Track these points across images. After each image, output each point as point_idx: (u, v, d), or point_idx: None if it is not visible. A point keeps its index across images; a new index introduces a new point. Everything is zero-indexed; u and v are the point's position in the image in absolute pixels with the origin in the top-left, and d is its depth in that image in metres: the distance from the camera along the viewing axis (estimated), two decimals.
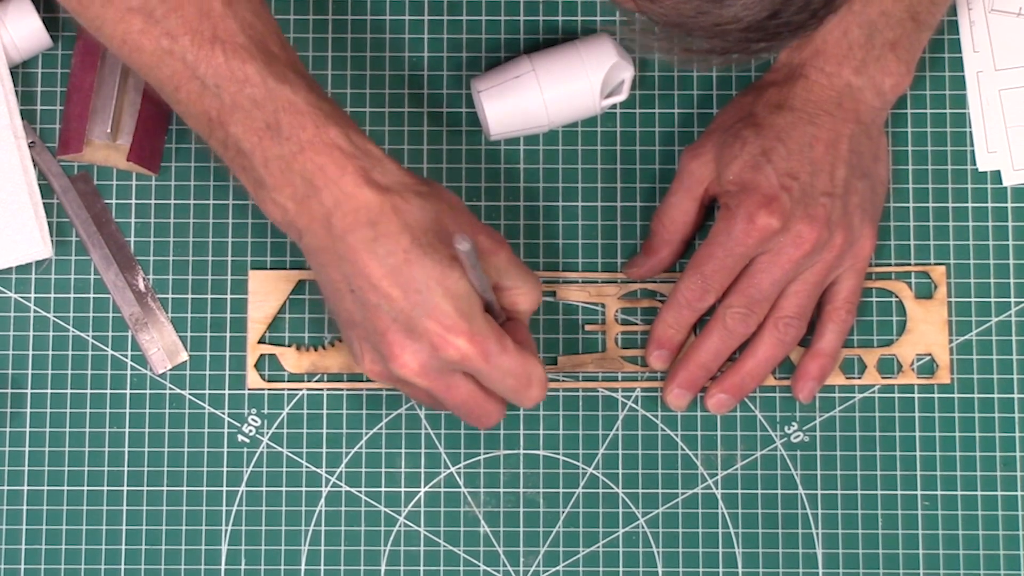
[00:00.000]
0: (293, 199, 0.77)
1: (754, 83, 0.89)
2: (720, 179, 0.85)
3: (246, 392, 0.89)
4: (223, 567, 0.88)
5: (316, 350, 0.89)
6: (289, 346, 0.89)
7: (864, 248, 0.85)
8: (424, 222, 0.77)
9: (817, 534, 0.89)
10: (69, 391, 0.89)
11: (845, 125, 0.84)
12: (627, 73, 0.89)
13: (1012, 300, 0.90)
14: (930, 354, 0.90)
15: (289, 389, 0.89)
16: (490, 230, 0.81)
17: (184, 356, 0.90)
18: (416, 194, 0.77)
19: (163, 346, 0.90)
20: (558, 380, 0.89)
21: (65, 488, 0.89)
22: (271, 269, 0.90)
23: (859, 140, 0.85)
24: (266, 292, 0.89)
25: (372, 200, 0.76)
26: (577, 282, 0.90)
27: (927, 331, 0.90)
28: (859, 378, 0.90)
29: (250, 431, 0.89)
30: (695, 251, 0.86)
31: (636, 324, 0.90)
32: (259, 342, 0.89)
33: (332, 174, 0.76)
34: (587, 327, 0.90)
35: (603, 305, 0.90)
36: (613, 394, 0.90)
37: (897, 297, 0.90)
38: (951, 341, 0.90)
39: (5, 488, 0.89)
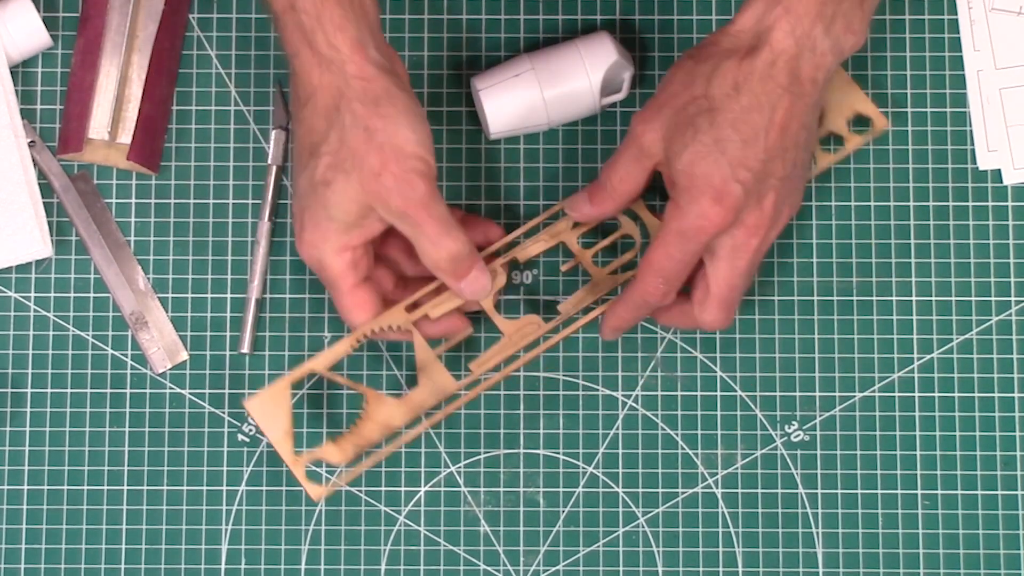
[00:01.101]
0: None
1: (710, 47, 0.82)
2: (670, 164, 0.82)
3: (246, 392, 0.89)
4: (223, 567, 0.89)
5: (350, 430, 0.85)
6: (324, 444, 0.85)
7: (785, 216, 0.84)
8: (372, 166, 0.81)
9: (817, 534, 0.89)
10: (69, 391, 0.89)
11: (801, 100, 0.81)
12: (627, 71, 0.89)
13: (1012, 299, 0.90)
14: (856, 111, 0.89)
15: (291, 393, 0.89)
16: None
17: (184, 356, 0.90)
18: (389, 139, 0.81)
19: (163, 346, 0.90)
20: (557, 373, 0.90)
21: (65, 488, 0.89)
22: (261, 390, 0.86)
23: (810, 113, 0.82)
24: (270, 412, 0.85)
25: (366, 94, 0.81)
26: (521, 240, 0.88)
27: (839, 97, 0.89)
28: (816, 169, 0.89)
29: (250, 431, 0.89)
30: (649, 249, 0.82)
31: (600, 240, 0.89)
32: (296, 454, 0.85)
33: (342, 46, 0.81)
34: (563, 268, 0.89)
35: (563, 244, 0.88)
36: (613, 393, 0.90)
37: None
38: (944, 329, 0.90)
39: (5, 488, 0.89)
